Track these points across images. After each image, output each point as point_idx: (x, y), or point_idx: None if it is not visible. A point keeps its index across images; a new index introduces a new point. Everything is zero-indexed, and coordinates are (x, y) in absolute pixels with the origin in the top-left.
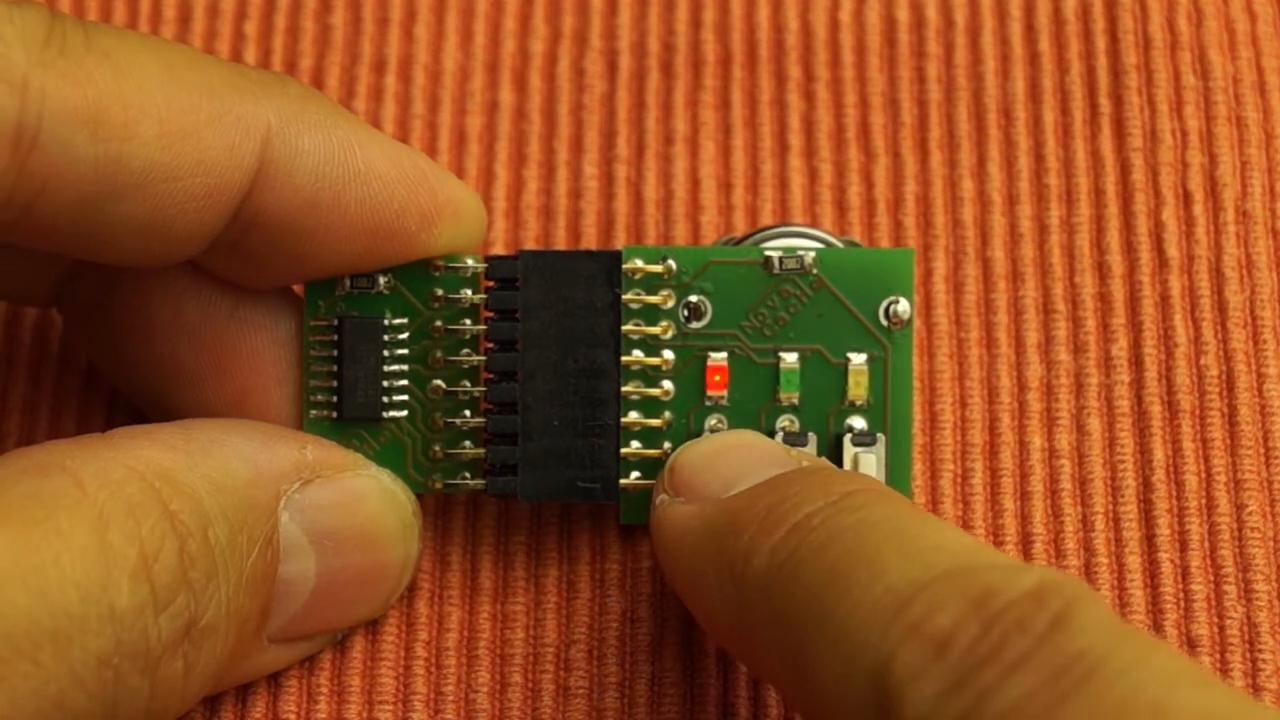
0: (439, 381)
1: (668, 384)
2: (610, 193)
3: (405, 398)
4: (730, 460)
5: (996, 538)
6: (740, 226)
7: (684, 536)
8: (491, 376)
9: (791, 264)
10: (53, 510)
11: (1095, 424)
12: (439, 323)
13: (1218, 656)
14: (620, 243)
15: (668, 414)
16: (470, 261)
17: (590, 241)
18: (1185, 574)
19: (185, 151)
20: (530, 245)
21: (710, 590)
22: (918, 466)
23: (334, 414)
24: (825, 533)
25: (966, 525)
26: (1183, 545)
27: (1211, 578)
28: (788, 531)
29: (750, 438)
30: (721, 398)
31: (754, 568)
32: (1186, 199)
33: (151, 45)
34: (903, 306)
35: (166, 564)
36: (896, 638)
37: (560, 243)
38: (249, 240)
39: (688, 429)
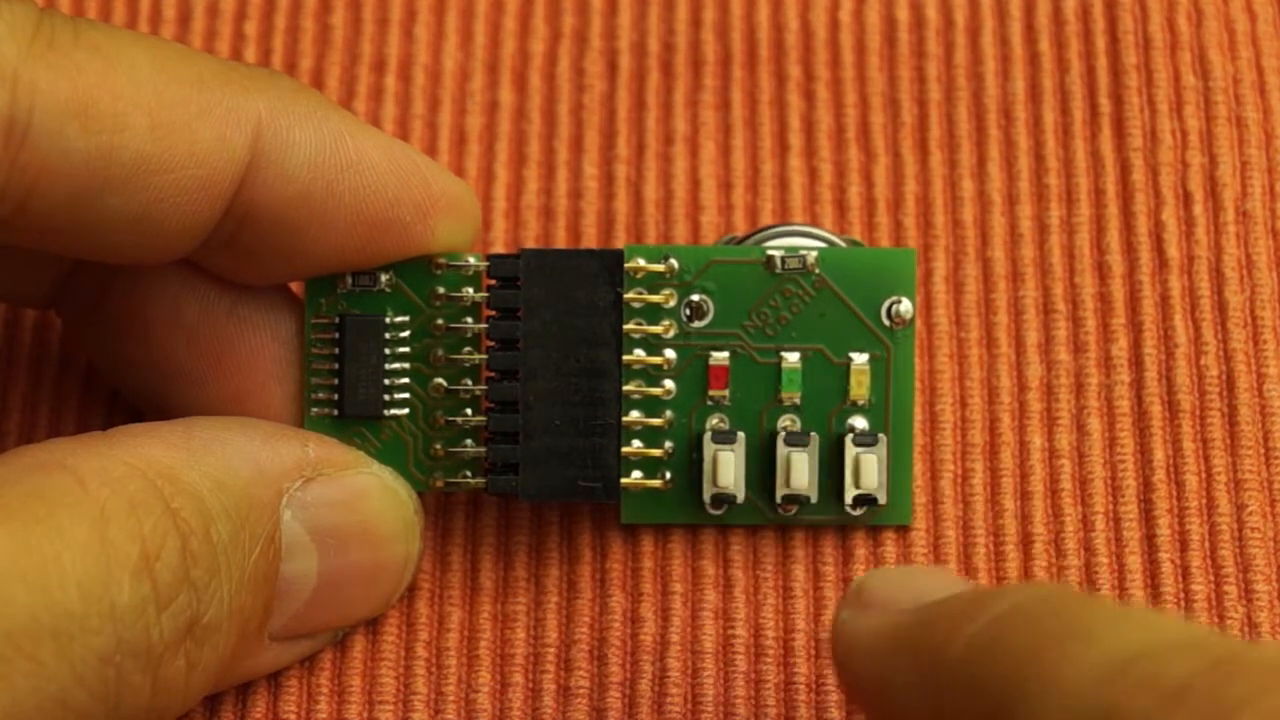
0: (440, 380)
1: (669, 383)
2: (610, 193)
3: (406, 396)
4: (921, 578)
5: (996, 537)
6: (740, 226)
7: (874, 647)
8: (493, 375)
9: (794, 263)
10: (54, 508)
11: (1095, 424)
12: (440, 321)
13: None
14: (620, 243)
15: (669, 413)
16: (472, 260)
17: (590, 242)
18: (1185, 574)
19: (177, 143)
20: (531, 245)
21: (898, 691)
22: (918, 467)
23: (335, 412)
24: (1031, 613)
25: (966, 525)
26: (1183, 545)
27: (1212, 578)
28: (989, 621)
29: (939, 567)
30: (723, 397)
31: (951, 653)
32: (1186, 199)
33: (140, 40)
34: (905, 306)
35: (168, 562)
36: (1127, 689)
37: (560, 243)
38: (245, 235)
39: (689, 428)
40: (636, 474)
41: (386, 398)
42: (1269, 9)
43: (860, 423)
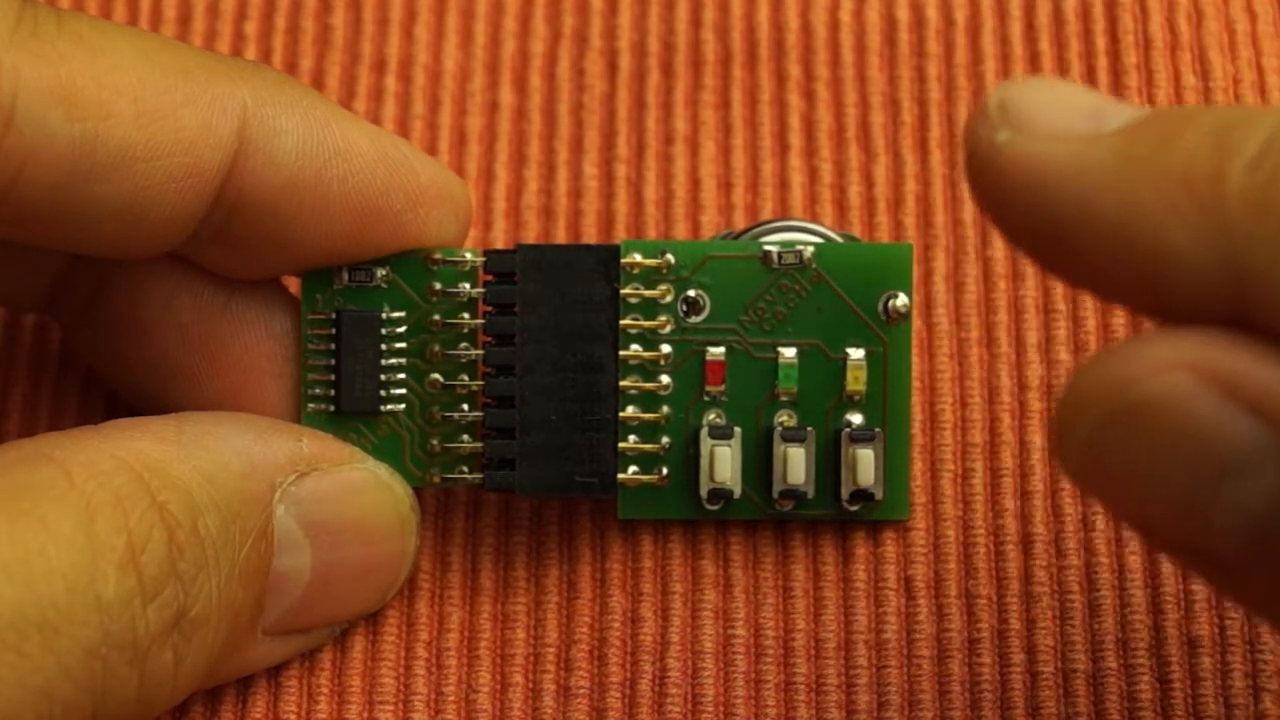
0: (437, 375)
1: (666, 378)
2: (610, 192)
3: (403, 391)
4: (1072, 96)
5: (996, 537)
6: (740, 225)
7: (1084, 170)
8: (489, 371)
9: (790, 258)
10: (39, 501)
11: None
12: (437, 316)
13: (1218, 656)
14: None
15: (666, 408)
16: (468, 255)
17: (590, 241)
18: (1185, 574)
19: (162, 131)
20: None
21: (1146, 218)
22: (918, 466)
23: (331, 408)
24: None
25: (966, 525)
26: None
27: None
28: (1262, 146)
29: (1076, 86)
30: (720, 392)
31: (1232, 186)
32: None
33: (125, 31)
34: (901, 301)
35: (154, 555)
36: None
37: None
38: (235, 225)
39: (686, 424)
40: (633, 469)
41: (383, 393)
42: (1269, 9)
43: (857, 417)
